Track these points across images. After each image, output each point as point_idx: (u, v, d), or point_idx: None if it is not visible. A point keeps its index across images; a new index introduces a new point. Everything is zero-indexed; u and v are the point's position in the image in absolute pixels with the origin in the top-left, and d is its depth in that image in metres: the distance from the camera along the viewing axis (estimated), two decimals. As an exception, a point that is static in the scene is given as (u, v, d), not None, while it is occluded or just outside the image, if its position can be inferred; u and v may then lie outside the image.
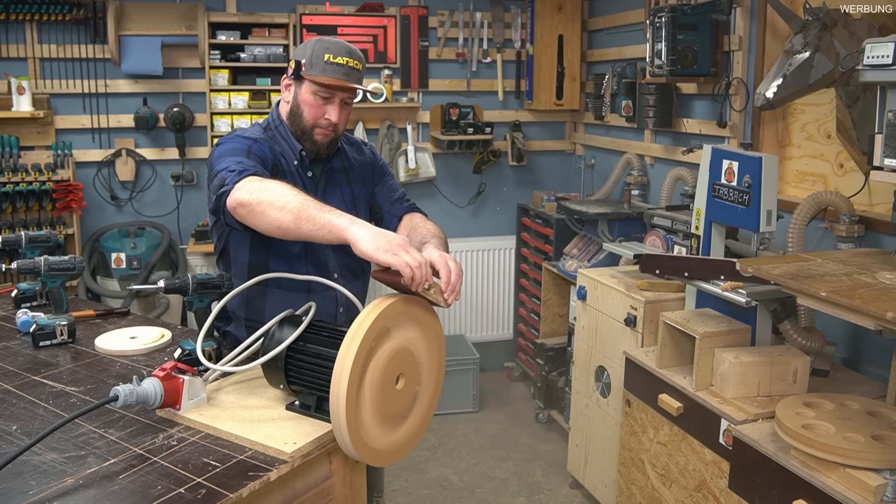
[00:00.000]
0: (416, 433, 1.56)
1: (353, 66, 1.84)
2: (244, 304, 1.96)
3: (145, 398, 1.43)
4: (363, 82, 1.91)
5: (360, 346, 1.35)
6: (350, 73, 1.84)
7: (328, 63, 1.82)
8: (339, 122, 1.88)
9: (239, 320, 1.98)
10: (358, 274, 2.03)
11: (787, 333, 2.33)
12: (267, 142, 1.87)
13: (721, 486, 2.13)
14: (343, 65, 1.83)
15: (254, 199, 1.52)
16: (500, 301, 4.56)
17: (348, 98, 1.88)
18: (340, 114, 1.88)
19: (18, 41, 3.72)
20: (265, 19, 3.92)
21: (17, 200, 3.57)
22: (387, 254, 1.40)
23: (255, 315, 1.94)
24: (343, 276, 1.97)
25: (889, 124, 1.73)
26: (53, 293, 2.03)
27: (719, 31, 3.06)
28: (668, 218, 3.03)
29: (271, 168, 1.81)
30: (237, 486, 1.26)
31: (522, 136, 4.36)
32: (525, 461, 3.58)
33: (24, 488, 1.23)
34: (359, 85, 1.87)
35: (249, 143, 1.80)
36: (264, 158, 1.80)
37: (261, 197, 1.52)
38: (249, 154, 1.76)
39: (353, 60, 1.84)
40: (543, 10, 4.20)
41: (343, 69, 1.83)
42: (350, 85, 1.84)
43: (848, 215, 2.40)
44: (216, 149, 1.82)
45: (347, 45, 1.87)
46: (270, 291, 1.93)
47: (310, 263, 1.92)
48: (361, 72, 1.87)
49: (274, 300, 1.92)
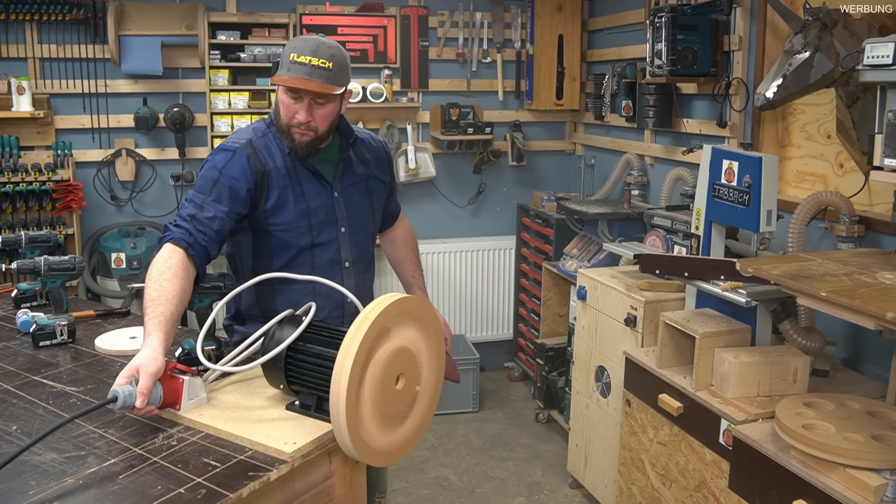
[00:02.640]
0: (416, 433, 1.56)
1: (319, 64, 1.76)
2: (255, 303, 1.97)
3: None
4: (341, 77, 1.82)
5: (360, 346, 1.35)
6: (314, 72, 1.76)
7: (292, 62, 1.77)
8: (315, 121, 1.83)
9: (252, 319, 1.98)
10: (368, 266, 2.08)
11: (787, 333, 2.32)
12: (250, 148, 1.86)
13: (721, 486, 2.13)
14: (305, 63, 1.76)
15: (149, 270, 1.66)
16: (500, 301, 4.56)
17: (319, 97, 1.80)
18: (314, 113, 1.81)
19: (18, 41, 3.72)
20: (265, 19, 3.92)
21: (17, 200, 3.57)
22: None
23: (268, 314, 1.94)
24: (356, 267, 2.00)
25: (889, 124, 1.73)
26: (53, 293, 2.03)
27: (719, 31, 3.06)
28: (668, 218, 3.03)
29: (252, 177, 1.83)
30: (237, 486, 1.26)
31: (522, 136, 4.36)
32: (525, 461, 3.58)
33: (24, 488, 1.23)
34: (326, 83, 1.77)
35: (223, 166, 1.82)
36: (235, 181, 1.81)
37: (148, 276, 1.64)
38: (215, 186, 1.80)
39: (317, 59, 1.76)
40: (543, 10, 4.20)
41: (305, 68, 1.76)
42: (307, 87, 1.76)
43: (848, 215, 2.40)
44: (203, 165, 1.88)
45: (318, 41, 1.80)
46: (279, 290, 1.94)
47: (319, 257, 1.94)
48: (331, 69, 1.77)
49: (283, 297, 1.93)
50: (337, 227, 1.95)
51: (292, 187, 1.89)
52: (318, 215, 1.91)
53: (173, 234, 1.72)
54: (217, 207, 1.78)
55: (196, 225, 1.74)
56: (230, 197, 1.80)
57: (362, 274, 2.01)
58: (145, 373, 1.41)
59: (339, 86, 1.82)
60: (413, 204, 4.38)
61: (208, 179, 1.82)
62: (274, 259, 1.92)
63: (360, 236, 2.00)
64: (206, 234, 1.74)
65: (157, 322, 1.51)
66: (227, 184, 1.81)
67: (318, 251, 1.93)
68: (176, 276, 1.62)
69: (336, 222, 1.94)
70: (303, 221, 1.89)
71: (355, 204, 1.98)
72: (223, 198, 1.80)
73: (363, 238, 2.02)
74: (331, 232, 1.94)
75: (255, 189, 1.84)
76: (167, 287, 1.59)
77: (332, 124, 1.89)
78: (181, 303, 1.60)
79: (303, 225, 1.90)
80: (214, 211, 1.77)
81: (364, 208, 2.01)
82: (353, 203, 1.98)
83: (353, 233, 1.98)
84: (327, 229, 1.93)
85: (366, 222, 2.02)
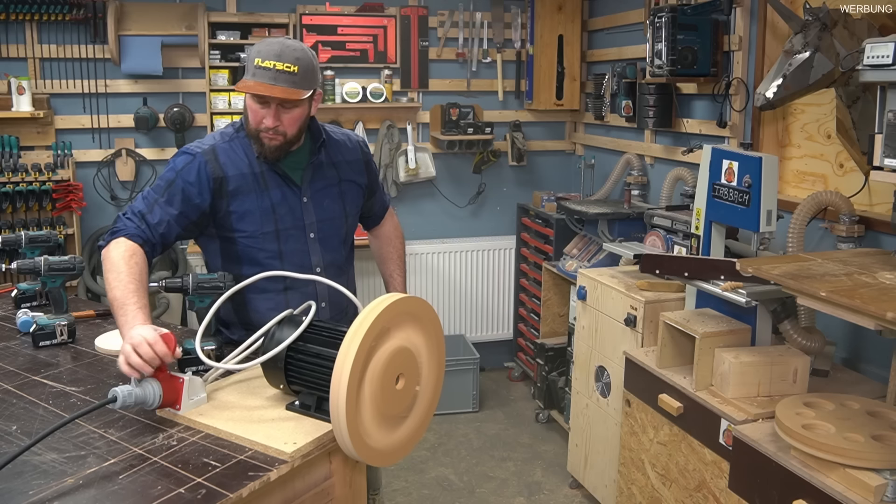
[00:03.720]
0: (416, 433, 1.56)
1: (283, 68, 1.73)
2: (233, 310, 1.97)
3: (143, 399, 1.43)
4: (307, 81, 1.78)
5: (360, 346, 1.35)
6: (278, 77, 1.73)
7: (257, 68, 1.74)
8: (283, 125, 1.80)
9: (235, 325, 1.99)
10: (344, 269, 2.05)
11: (787, 333, 2.32)
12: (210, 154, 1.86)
13: (721, 486, 2.13)
14: (270, 69, 1.73)
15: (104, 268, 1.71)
16: (499, 301, 4.56)
17: (286, 102, 1.77)
18: (281, 118, 1.79)
19: (18, 41, 3.72)
20: (265, 19, 3.92)
21: (17, 200, 3.57)
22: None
23: (247, 319, 1.95)
24: (326, 272, 1.97)
25: (889, 124, 1.72)
26: (53, 293, 2.03)
27: (719, 31, 3.06)
28: (668, 218, 3.03)
29: (209, 183, 1.84)
30: (237, 486, 1.26)
31: (522, 136, 4.36)
32: (525, 461, 3.58)
33: (24, 488, 1.23)
34: (291, 87, 1.74)
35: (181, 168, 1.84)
36: (190, 185, 1.83)
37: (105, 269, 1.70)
38: (169, 188, 1.83)
39: (282, 63, 1.73)
40: (543, 10, 4.20)
41: (270, 73, 1.73)
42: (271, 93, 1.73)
43: (848, 215, 2.40)
44: (167, 164, 1.90)
45: (282, 44, 1.77)
46: (249, 299, 1.93)
47: (288, 263, 1.91)
48: (296, 73, 1.74)
49: (259, 302, 1.93)
50: (305, 232, 1.93)
51: (257, 193, 1.87)
52: (285, 221, 1.90)
53: (129, 229, 1.77)
54: (166, 210, 1.81)
55: (146, 225, 1.80)
56: (182, 201, 1.82)
57: (334, 279, 1.92)
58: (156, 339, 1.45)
59: (306, 89, 1.79)
60: (413, 204, 4.38)
61: (165, 180, 1.85)
62: (243, 266, 1.90)
63: (332, 241, 1.98)
64: (154, 235, 1.80)
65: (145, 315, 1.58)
66: (180, 187, 1.82)
67: (287, 258, 1.91)
68: (144, 273, 1.71)
69: (304, 228, 1.92)
70: (268, 228, 1.88)
71: (325, 209, 1.96)
72: (174, 201, 1.82)
73: (334, 243, 1.99)
74: (299, 238, 1.92)
75: (212, 196, 1.84)
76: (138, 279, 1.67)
77: (302, 127, 1.87)
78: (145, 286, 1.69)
79: (268, 232, 1.89)
80: (161, 215, 1.80)
81: (336, 213, 1.98)
82: (323, 208, 1.95)
83: (322, 238, 1.96)
84: (295, 235, 1.91)
85: (337, 227, 1.99)
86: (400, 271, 2.25)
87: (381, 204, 2.23)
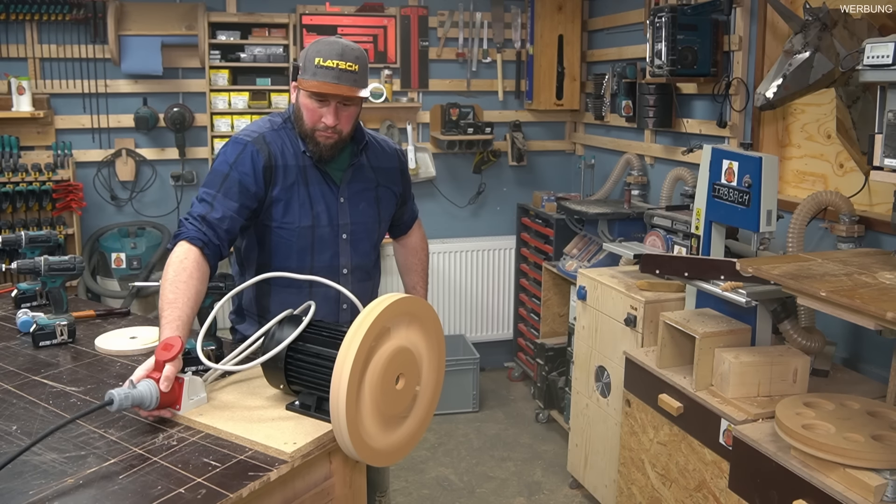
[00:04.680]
0: (416, 433, 1.56)
1: (346, 67, 1.78)
2: (254, 300, 2.00)
3: (140, 400, 1.42)
4: (364, 79, 1.85)
5: (360, 346, 1.35)
6: (342, 76, 1.78)
7: (318, 67, 1.78)
8: (340, 124, 1.84)
9: (252, 316, 2.01)
10: (371, 274, 2.06)
11: (787, 333, 2.32)
12: (261, 142, 1.87)
13: (721, 486, 2.13)
14: (333, 68, 1.77)
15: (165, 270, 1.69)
16: (499, 301, 4.56)
17: (346, 100, 1.83)
18: (340, 116, 1.83)
19: (18, 41, 3.72)
20: (265, 19, 3.91)
21: (17, 200, 3.57)
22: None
23: (263, 313, 1.97)
24: (354, 274, 1.98)
25: (889, 124, 1.72)
26: (53, 293, 2.03)
27: (719, 31, 3.06)
28: (668, 218, 3.03)
29: (262, 172, 1.85)
30: (237, 486, 1.26)
31: (522, 136, 4.36)
32: (525, 461, 3.58)
33: (24, 488, 1.23)
34: (353, 85, 1.80)
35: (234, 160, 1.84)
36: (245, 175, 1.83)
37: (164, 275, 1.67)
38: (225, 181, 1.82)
39: (344, 62, 1.78)
40: (543, 10, 4.20)
41: (333, 72, 1.78)
42: (338, 91, 1.79)
43: (848, 215, 2.40)
44: (217, 155, 1.89)
45: (342, 44, 1.81)
46: (274, 290, 1.95)
47: (318, 261, 1.93)
48: (357, 72, 1.81)
49: (278, 299, 1.94)
50: (339, 233, 1.94)
51: (298, 187, 1.89)
52: (321, 219, 1.91)
53: (188, 233, 1.74)
54: (227, 205, 1.80)
55: (207, 226, 1.76)
56: (239, 192, 1.82)
57: (361, 282, 1.99)
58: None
59: (365, 87, 1.85)
60: (413, 204, 4.38)
61: (218, 174, 1.84)
62: (274, 257, 1.92)
63: (363, 244, 1.99)
64: (218, 234, 1.77)
65: (175, 326, 1.55)
66: (236, 178, 1.82)
67: (318, 255, 1.92)
68: (192, 278, 1.65)
69: (338, 228, 1.94)
70: (305, 223, 1.90)
71: (361, 212, 1.98)
72: (232, 193, 1.81)
73: (365, 247, 2.00)
74: (332, 237, 1.93)
75: (264, 183, 1.85)
76: (183, 289, 1.62)
77: (355, 126, 1.92)
78: (196, 304, 1.64)
79: (305, 227, 1.90)
80: (223, 210, 1.79)
81: (370, 217, 2.00)
82: (359, 210, 1.97)
83: (354, 241, 1.97)
84: (329, 234, 1.93)
85: (370, 231, 2.00)
86: (423, 283, 2.24)
87: (411, 213, 2.23)
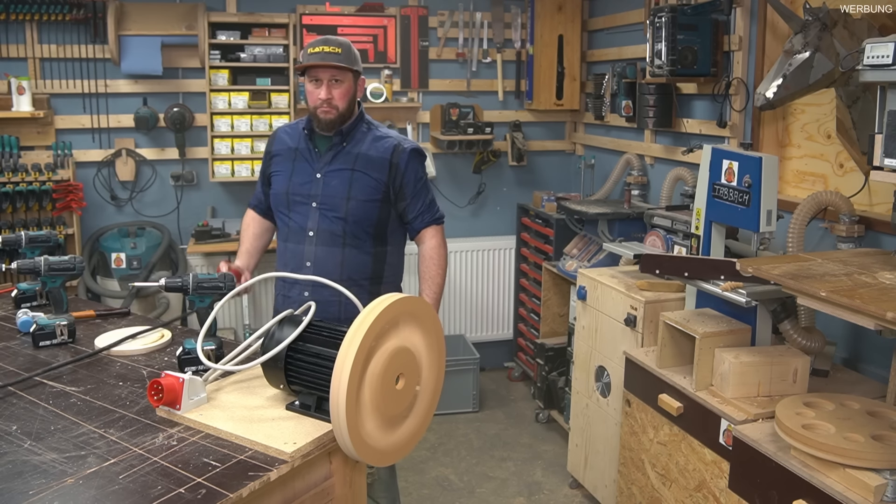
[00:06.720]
0: (416, 433, 1.56)
1: (329, 50, 2.18)
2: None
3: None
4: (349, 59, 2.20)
5: (360, 346, 1.35)
6: (327, 56, 2.17)
7: (309, 54, 2.19)
8: (334, 98, 2.20)
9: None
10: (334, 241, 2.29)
11: (787, 333, 2.32)
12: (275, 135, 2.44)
13: (721, 486, 2.13)
14: (319, 52, 2.18)
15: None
16: (499, 301, 4.56)
17: (334, 77, 2.19)
18: (332, 92, 2.20)
19: (18, 41, 3.72)
20: (265, 19, 3.91)
21: (17, 200, 3.57)
22: None
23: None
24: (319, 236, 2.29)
25: (889, 124, 1.72)
26: (53, 293, 2.03)
27: (719, 31, 3.06)
28: (668, 218, 3.03)
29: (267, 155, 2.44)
30: (237, 486, 1.26)
31: (522, 136, 4.36)
32: (525, 461, 3.58)
33: (24, 488, 1.23)
34: (337, 61, 2.16)
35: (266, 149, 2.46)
36: (265, 157, 2.46)
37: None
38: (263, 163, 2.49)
39: (328, 47, 2.18)
40: (543, 10, 4.20)
41: (318, 55, 2.17)
42: (324, 63, 2.16)
43: (848, 215, 2.40)
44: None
45: (327, 37, 2.24)
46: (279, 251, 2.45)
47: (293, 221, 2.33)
48: (340, 53, 2.18)
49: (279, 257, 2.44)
50: (310, 201, 2.30)
51: (288, 161, 2.35)
52: (297, 190, 2.31)
53: (252, 201, 2.53)
54: (261, 180, 2.48)
55: (255, 196, 2.52)
56: (262, 171, 2.47)
57: (326, 246, 2.29)
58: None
59: (350, 65, 2.20)
60: (413, 204, 4.38)
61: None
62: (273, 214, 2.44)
63: (332, 213, 2.28)
64: (264, 200, 2.47)
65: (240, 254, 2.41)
66: (264, 160, 2.46)
67: (293, 215, 2.32)
68: (248, 228, 2.48)
69: (310, 197, 2.30)
70: (282, 189, 2.34)
71: (333, 187, 2.29)
72: (263, 171, 2.46)
73: (335, 215, 2.29)
74: (304, 204, 2.31)
75: (268, 163, 2.42)
76: (246, 235, 2.47)
77: (351, 103, 2.27)
78: (256, 238, 2.47)
79: (282, 192, 2.34)
80: (260, 184, 2.49)
81: (339, 192, 2.29)
82: (330, 186, 2.29)
83: (323, 210, 2.29)
84: (302, 201, 2.31)
85: (337, 205, 2.29)
86: (430, 292, 2.33)
87: (419, 217, 2.35)
